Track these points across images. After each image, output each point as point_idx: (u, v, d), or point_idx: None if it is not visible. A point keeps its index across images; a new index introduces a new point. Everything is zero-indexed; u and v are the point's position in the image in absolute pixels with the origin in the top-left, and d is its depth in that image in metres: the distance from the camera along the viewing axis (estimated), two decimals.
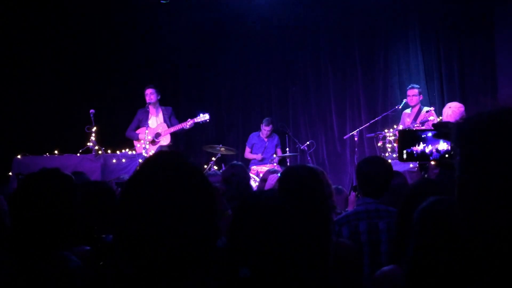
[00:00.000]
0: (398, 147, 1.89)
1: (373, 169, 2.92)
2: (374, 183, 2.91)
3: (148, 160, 1.28)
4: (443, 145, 1.79)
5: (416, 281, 1.66)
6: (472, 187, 0.96)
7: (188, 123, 6.62)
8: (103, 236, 2.49)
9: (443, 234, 1.56)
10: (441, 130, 1.70)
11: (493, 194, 0.92)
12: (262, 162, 7.75)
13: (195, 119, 6.65)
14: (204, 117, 6.65)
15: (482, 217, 0.94)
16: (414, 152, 1.89)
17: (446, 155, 1.72)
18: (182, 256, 1.17)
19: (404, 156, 1.90)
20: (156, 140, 6.70)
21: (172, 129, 6.71)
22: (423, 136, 1.84)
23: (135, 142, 6.87)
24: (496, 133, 0.94)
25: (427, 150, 1.87)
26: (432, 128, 1.83)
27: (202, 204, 1.21)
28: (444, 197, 1.66)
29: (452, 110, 5.72)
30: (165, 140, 6.71)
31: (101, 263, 2.06)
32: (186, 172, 1.23)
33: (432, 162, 2.10)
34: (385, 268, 2.12)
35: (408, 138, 1.89)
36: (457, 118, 5.76)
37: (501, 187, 0.91)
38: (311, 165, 2.77)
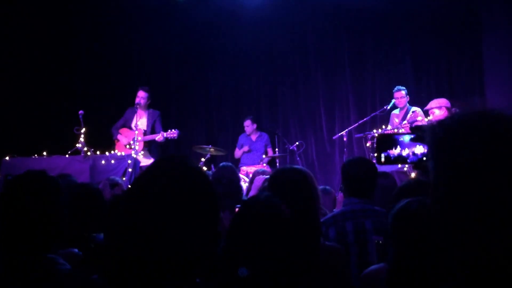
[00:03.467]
0: (376, 151, 1.93)
1: (358, 170, 2.94)
2: (359, 183, 2.93)
3: (154, 164, 1.29)
4: (419, 148, 1.82)
5: (396, 279, 1.70)
6: (444, 190, 0.97)
7: (157, 137, 6.56)
8: (94, 235, 2.49)
9: (416, 234, 1.60)
10: (417, 133, 1.73)
11: (463, 198, 0.93)
12: (251, 159, 7.77)
13: (165, 133, 6.55)
14: (172, 133, 6.57)
15: (454, 221, 0.95)
16: (391, 155, 1.92)
17: (424, 158, 1.75)
18: (180, 261, 1.17)
19: (382, 159, 1.93)
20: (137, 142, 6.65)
21: (146, 138, 6.67)
22: (399, 139, 1.87)
23: (116, 142, 6.84)
24: (466, 138, 0.95)
25: (404, 153, 1.90)
26: (410, 131, 1.86)
27: (205, 210, 1.22)
28: (416, 198, 1.69)
29: (430, 104, 6.23)
30: (140, 147, 6.67)
31: (92, 263, 2.06)
32: (191, 177, 1.23)
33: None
34: (373, 266, 2.15)
35: (385, 142, 1.92)
36: (433, 107, 6.12)
37: (471, 191, 0.92)
38: (299, 166, 2.78)
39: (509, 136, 0.93)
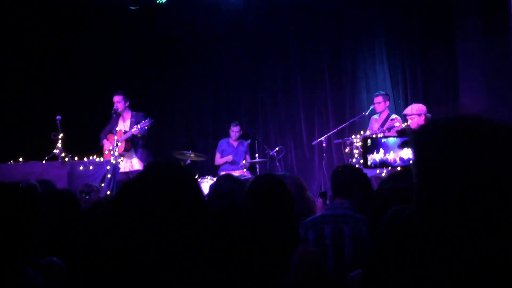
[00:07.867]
0: (363, 153, 1.94)
1: (349, 179, 2.96)
2: (351, 192, 2.94)
3: (144, 169, 1.29)
4: (406, 152, 1.83)
5: (371, 281, 1.72)
6: (426, 194, 0.97)
7: (133, 130, 6.49)
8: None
9: (400, 239, 1.62)
10: (402, 137, 1.74)
11: (445, 203, 0.93)
12: (232, 165, 7.76)
13: (139, 125, 6.47)
14: (147, 122, 6.49)
15: (436, 225, 0.95)
16: (378, 159, 1.94)
17: (411, 162, 1.76)
18: (172, 262, 1.18)
19: (369, 162, 1.94)
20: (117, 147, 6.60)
21: (125, 137, 6.60)
22: (383, 142, 1.89)
23: (104, 147, 6.79)
24: (448, 141, 0.95)
25: (388, 157, 1.92)
26: (397, 135, 1.87)
27: (196, 216, 1.23)
28: (407, 205, 1.71)
29: (411, 110, 6.27)
30: (122, 147, 6.63)
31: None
32: (179, 183, 1.24)
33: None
34: (357, 271, 2.16)
35: (371, 145, 1.93)
36: (414, 114, 6.16)
37: (453, 195, 0.92)
38: (282, 173, 2.76)
39: (488, 140, 0.93)
